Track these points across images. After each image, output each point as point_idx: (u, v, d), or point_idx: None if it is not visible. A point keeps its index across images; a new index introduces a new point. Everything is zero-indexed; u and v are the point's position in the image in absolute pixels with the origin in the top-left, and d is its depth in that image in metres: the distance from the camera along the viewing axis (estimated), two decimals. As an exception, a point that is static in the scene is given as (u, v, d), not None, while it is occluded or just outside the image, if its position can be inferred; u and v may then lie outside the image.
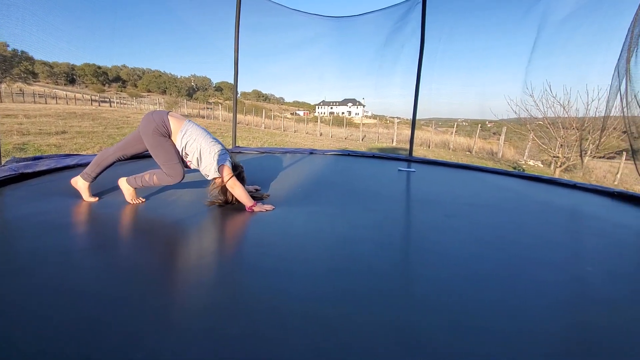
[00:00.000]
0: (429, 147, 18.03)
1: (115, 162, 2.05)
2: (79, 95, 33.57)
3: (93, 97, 34.14)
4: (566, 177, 9.06)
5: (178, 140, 1.97)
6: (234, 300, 1.02)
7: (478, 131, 17.67)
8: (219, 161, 1.95)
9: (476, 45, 5.29)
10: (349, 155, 5.16)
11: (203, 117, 27.68)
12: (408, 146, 5.28)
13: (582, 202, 2.77)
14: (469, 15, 4.87)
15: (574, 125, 11.11)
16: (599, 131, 10.26)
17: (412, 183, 3.29)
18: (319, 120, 25.97)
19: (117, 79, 63.32)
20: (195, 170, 2.10)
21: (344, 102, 62.39)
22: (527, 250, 1.61)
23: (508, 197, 2.81)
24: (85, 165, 2.04)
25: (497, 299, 1.12)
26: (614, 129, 9.55)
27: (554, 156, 11.91)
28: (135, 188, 2.02)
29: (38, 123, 11.49)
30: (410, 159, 4.85)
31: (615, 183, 11.02)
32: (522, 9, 4.36)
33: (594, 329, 0.99)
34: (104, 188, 2.20)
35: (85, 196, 1.99)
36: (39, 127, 10.41)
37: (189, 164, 2.05)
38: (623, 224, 2.17)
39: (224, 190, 2.01)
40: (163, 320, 0.91)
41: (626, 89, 2.82)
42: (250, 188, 2.37)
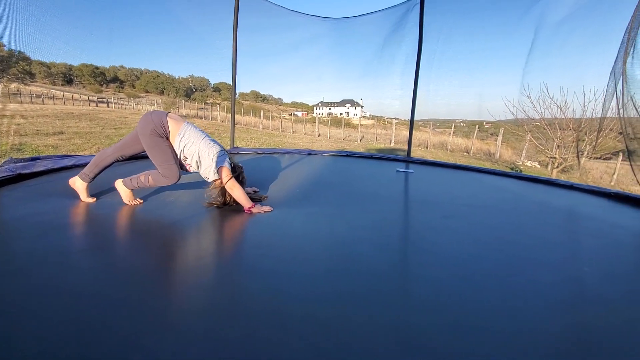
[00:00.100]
0: (427, 148, 18.08)
1: (113, 163, 2.04)
2: (76, 96, 33.42)
3: (90, 98, 34.00)
4: (563, 178, 9.11)
5: (176, 142, 1.97)
6: (233, 302, 1.02)
7: (476, 132, 17.74)
8: (217, 162, 1.95)
9: (474, 47, 5.32)
10: (347, 156, 5.16)
11: (201, 118, 27.64)
12: (406, 147, 5.29)
13: (580, 203, 2.78)
14: (467, 17, 4.90)
15: (571, 126, 11.18)
16: (595, 132, 10.33)
17: (411, 184, 3.30)
18: (317, 121, 25.97)
19: (115, 79, 63.14)
20: (192, 172, 2.09)
21: (342, 103, 62.48)
22: (525, 250, 1.62)
23: (506, 198, 2.82)
24: (83, 165, 2.03)
25: (496, 300, 1.12)
26: (611, 130, 9.61)
27: (551, 157, 11.97)
28: (132, 189, 2.02)
29: (35, 123, 11.43)
30: (408, 160, 4.86)
31: (612, 184, 11.08)
32: (520, 11, 4.40)
33: (592, 329, 0.99)
34: (102, 189, 2.20)
35: (83, 197, 1.98)
36: (36, 128, 10.36)
37: (189, 167, 2.04)
38: (620, 225, 2.18)
39: (223, 192, 2.01)
40: (162, 321, 0.90)
41: (622, 91, 2.83)
42: (248, 190, 2.37)
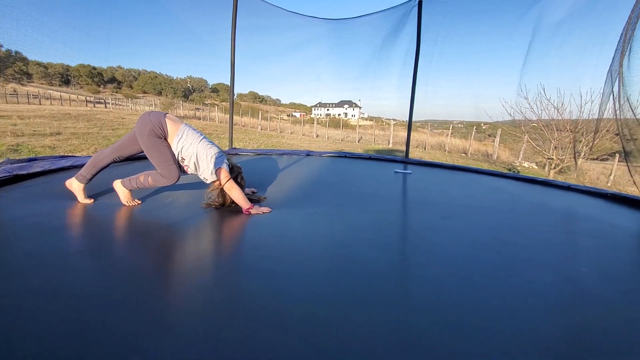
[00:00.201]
0: (425, 149, 18.12)
1: (110, 164, 2.03)
2: (73, 97, 33.29)
3: (88, 98, 33.89)
4: (560, 179, 9.16)
5: (174, 144, 1.96)
6: (232, 302, 1.02)
7: (473, 133, 17.81)
8: (215, 164, 1.95)
9: (471, 48, 5.34)
10: (345, 157, 5.16)
11: (199, 119, 27.59)
12: (404, 148, 5.30)
13: (577, 204, 2.79)
14: (465, 19, 4.91)
15: (568, 127, 11.24)
16: (592, 133, 10.38)
17: (409, 185, 3.30)
18: (315, 122, 25.98)
19: (113, 80, 62.95)
20: (190, 174, 2.09)
21: (340, 104, 62.51)
22: (523, 251, 1.62)
23: (503, 199, 2.83)
24: (80, 166, 2.02)
25: (495, 300, 1.12)
26: (607, 131, 9.66)
27: (548, 158, 12.03)
28: (131, 190, 2.01)
29: (32, 124, 11.38)
30: (406, 161, 4.87)
31: (609, 184, 11.14)
32: (517, 13, 4.41)
33: (591, 329, 1.00)
34: (99, 190, 2.19)
35: (81, 198, 1.97)
36: (33, 128, 10.31)
37: (186, 168, 2.04)
38: (617, 225, 2.20)
39: (222, 193, 2.00)
40: (161, 322, 0.90)
41: (619, 92, 2.85)
42: (247, 190, 2.36)
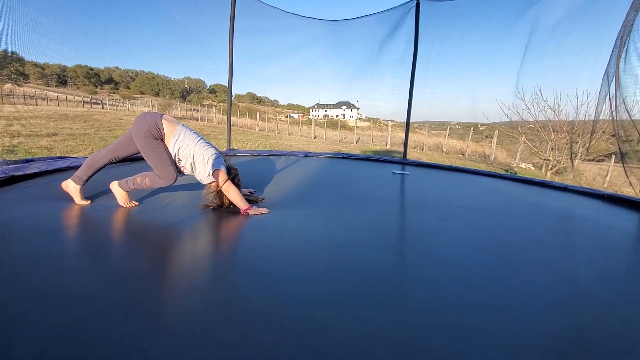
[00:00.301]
0: (423, 150, 18.17)
1: (107, 165, 2.02)
2: (70, 97, 33.20)
3: (85, 99, 33.77)
4: (557, 180, 9.20)
5: (171, 145, 1.95)
6: (229, 303, 1.02)
7: (471, 134, 17.87)
8: (213, 165, 1.94)
9: (469, 50, 5.35)
10: (343, 158, 5.16)
11: (197, 120, 27.54)
12: (402, 149, 5.31)
13: (574, 205, 2.81)
14: (462, 20, 4.92)
15: (564, 128, 11.32)
16: (588, 134, 10.45)
17: (407, 186, 3.31)
18: (313, 123, 26.00)
19: (110, 80, 62.78)
20: (187, 175, 2.08)
21: (338, 105, 62.60)
22: (521, 252, 1.63)
23: (501, 200, 2.84)
24: (77, 167, 2.01)
25: (492, 300, 1.12)
26: (603, 132, 9.72)
27: (545, 159, 12.10)
28: (128, 191, 2.00)
29: (28, 125, 11.32)
30: (404, 162, 4.87)
31: (605, 185, 11.21)
32: (514, 15, 4.43)
33: (589, 329, 1.00)
34: (96, 191, 2.17)
35: (77, 199, 1.96)
36: (30, 129, 10.26)
37: (183, 169, 2.03)
38: (614, 226, 2.21)
39: (219, 194, 1.99)
40: (158, 323, 0.89)
41: (615, 93, 2.87)
42: (244, 191, 2.36)
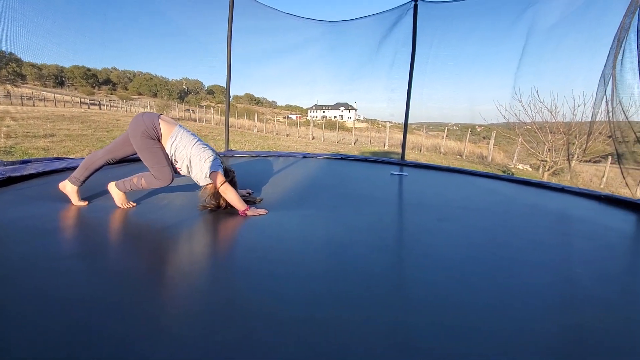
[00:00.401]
0: (420, 151, 18.20)
1: (104, 166, 2.01)
2: (67, 98, 33.05)
3: (82, 100, 33.69)
4: (554, 181, 9.24)
5: (167, 146, 1.94)
6: (228, 304, 1.01)
7: (468, 135, 17.92)
8: (210, 167, 1.93)
9: (466, 51, 5.36)
10: (341, 159, 5.17)
11: (195, 121, 27.49)
12: (400, 150, 5.32)
13: (571, 206, 2.82)
14: (460, 22, 4.94)
15: (561, 129, 11.36)
16: (585, 136, 10.50)
17: (405, 187, 3.32)
18: (311, 124, 26.02)
19: (107, 81, 62.58)
20: (184, 175, 2.08)
21: (336, 106, 62.63)
22: (519, 252, 1.63)
23: (498, 201, 2.85)
24: (74, 168, 2.00)
25: (492, 301, 1.13)
26: (600, 133, 9.77)
27: (542, 160, 12.14)
28: (125, 192, 1.99)
29: (26, 126, 11.26)
30: (402, 163, 4.88)
31: (602, 186, 11.26)
32: (512, 17, 4.45)
33: (588, 329, 1.00)
34: (93, 192, 2.17)
35: (74, 200, 1.95)
36: (27, 130, 10.21)
37: (179, 170, 2.03)
38: (611, 227, 2.22)
39: (216, 195, 1.99)
40: (156, 325, 0.89)
41: (612, 95, 2.89)
42: (242, 192, 2.35)
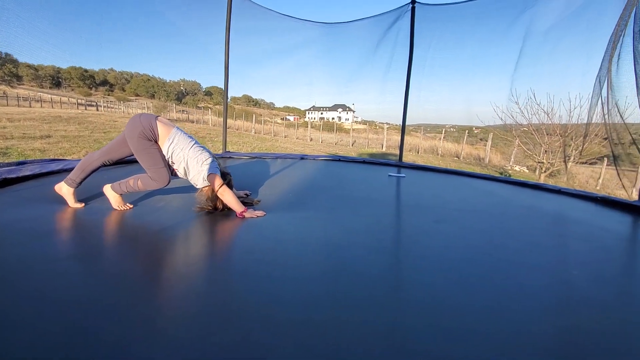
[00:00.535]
0: (418, 153, 18.25)
1: (100, 167, 2.00)
2: (64, 99, 32.91)
3: (79, 101, 33.53)
4: (551, 182, 9.29)
5: (164, 148, 1.94)
6: (225, 306, 1.01)
7: (465, 137, 18.00)
8: (208, 170, 1.93)
9: (464, 54, 5.39)
10: (339, 160, 5.17)
11: (192, 122, 27.43)
12: (397, 151, 5.33)
13: (567, 207, 2.83)
14: (457, 25, 4.97)
15: (558, 131, 11.44)
16: (581, 137, 10.57)
17: (402, 188, 3.32)
18: (309, 126, 26.03)
19: (105, 82, 62.37)
20: (181, 177, 2.07)
21: (334, 108, 62.73)
22: (516, 254, 1.64)
23: (495, 202, 2.86)
24: (71, 170, 1.98)
25: (489, 302, 1.13)
26: (596, 135, 9.84)
27: (539, 162, 12.21)
28: (121, 194, 1.98)
29: (22, 127, 11.19)
30: (400, 165, 4.89)
31: (598, 188, 11.33)
32: (509, 19, 4.48)
33: (585, 331, 1.01)
34: (90, 193, 2.15)
35: (71, 202, 1.94)
36: (23, 131, 10.15)
37: (176, 171, 2.02)
38: (607, 228, 2.23)
39: (214, 197, 1.98)
40: (153, 327, 0.89)
41: (607, 97, 2.92)
42: (240, 193, 2.35)
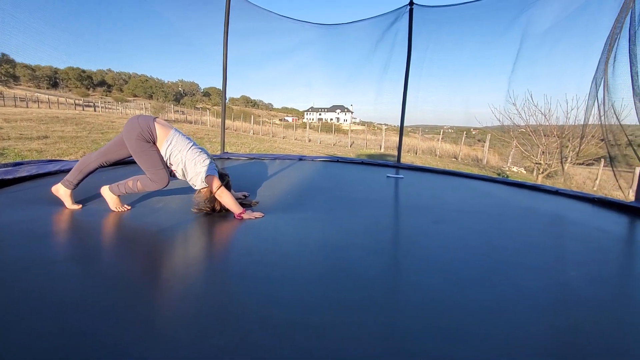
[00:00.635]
0: (416, 154, 18.29)
1: (97, 169, 1.99)
2: (62, 100, 32.77)
3: (77, 102, 33.43)
4: (548, 183, 9.32)
5: (163, 149, 1.93)
6: (223, 308, 1.01)
7: (463, 138, 18.05)
8: (206, 171, 1.93)
9: (462, 55, 5.41)
10: (337, 161, 5.17)
11: (191, 123, 27.39)
12: (396, 152, 5.34)
13: (565, 208, 2.84)
14: (455, 26, 4.99)
15: (555, 133, 11.50)
16: (578, 139, 10.62)
17: (401, 189, 3.33)
18: (307, 127, 26.03)
19: (102, 83, 62.23)
20: (179, 179, 2.06)
21: (332, 109, 62.84)
22: (514, 255, 1.64)
23: (493, 203, 2.87)
24: (68, 171, 1.98)
25: (487, 303, 1.13)
26: (593, 136, 9.88)
27: (537, 163, 12.27)
28: (119, 195, 1.97)
29: (19, 127, 11.15)
30: (398, 166, 4.90)
31: (595, 189, 11.39)
32: (506, 21, 4.50)
33: (582, 331, 1.01)
34: (87, 195, 2.14)
35: (68, 204, 1.93)
36: (20, 132, 10.10)
37: (175, 173, 2.02)
38: (604, 229, 2.24)
39: (212, 198, 1.98)
40: (151, 329, 0.88)
41: (604, 99, 2.93)
42: (238, 194, 2.35)
